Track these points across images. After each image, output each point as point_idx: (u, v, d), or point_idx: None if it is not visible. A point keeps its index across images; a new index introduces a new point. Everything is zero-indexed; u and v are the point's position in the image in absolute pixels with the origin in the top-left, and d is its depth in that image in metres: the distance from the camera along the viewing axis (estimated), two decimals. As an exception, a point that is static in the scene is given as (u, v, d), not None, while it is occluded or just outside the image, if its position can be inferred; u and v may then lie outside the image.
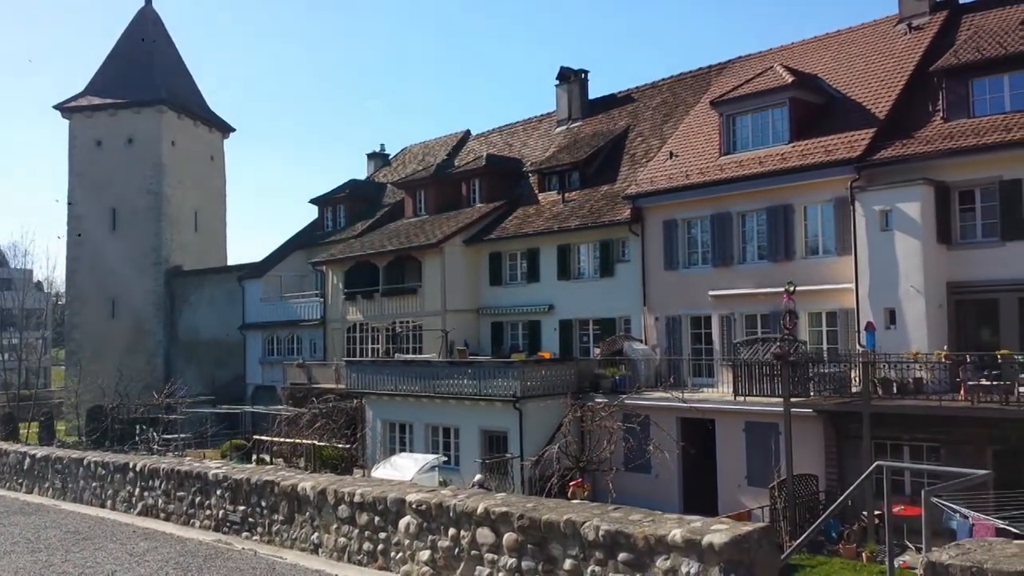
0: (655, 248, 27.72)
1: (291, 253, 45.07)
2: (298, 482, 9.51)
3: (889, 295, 21.50)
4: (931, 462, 18.80)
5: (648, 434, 23.59)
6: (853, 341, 22.42)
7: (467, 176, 37.40)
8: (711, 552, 5.68)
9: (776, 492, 20.03)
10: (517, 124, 42.45)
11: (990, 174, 21.00)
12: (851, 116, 24.68)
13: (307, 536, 9.26)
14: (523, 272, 32.76)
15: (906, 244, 21.31)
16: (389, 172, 47.18)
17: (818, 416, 20.98)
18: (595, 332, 29.85)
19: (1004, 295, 20.73)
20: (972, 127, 21.75)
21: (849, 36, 29.11)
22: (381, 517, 8.37)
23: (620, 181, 31.30)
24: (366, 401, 30.97)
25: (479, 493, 8.21)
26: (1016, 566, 4.76)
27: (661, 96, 35.14)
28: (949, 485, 11.50)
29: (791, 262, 24.31)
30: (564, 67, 38.32)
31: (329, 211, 44.97)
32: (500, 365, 27.25)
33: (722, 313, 25.92)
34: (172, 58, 56.67)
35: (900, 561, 16.07)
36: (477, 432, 26.88)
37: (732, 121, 26.89)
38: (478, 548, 7.35)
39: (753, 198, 25.27)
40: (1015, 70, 21.68)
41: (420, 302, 34.53)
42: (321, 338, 39.93)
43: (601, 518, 6.50)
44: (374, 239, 38.52)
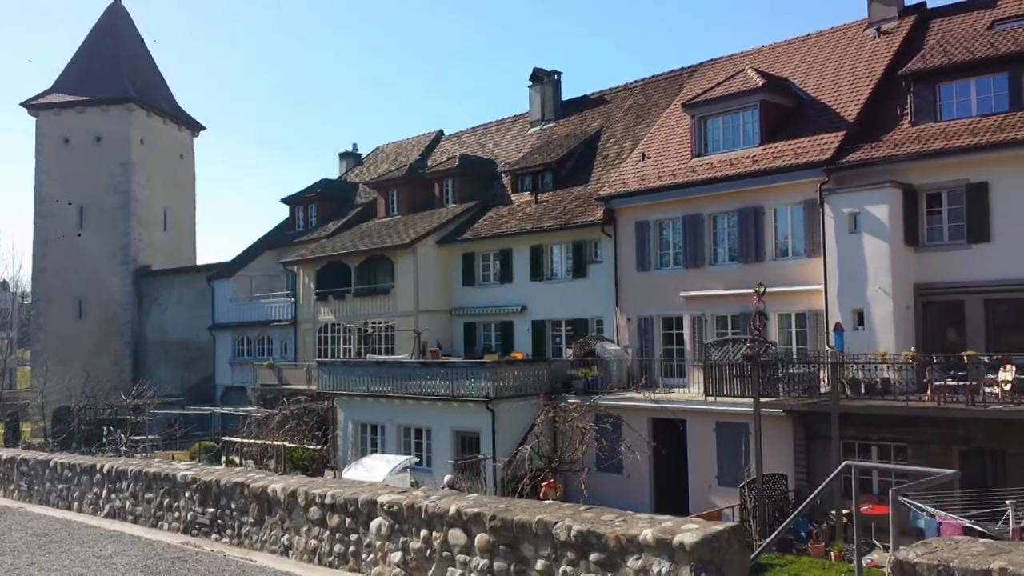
0: (627, 249, 27.84)
1: (262, 253, 44.72)
2: (268, 484, 9.43)
3: (857, 296, 21.74)
4: (898, 462, 19.05)
5: (620, 434, 23.69)
6: (822, 342, 22.66)
7: (440, 176, 37.34)
8: (682, 552, 5.71)
9: (746, 491, 20.18)
10: (490, 125, 42.46)
11: (957, 177, 21.31)
12: (821, 119, 24.94)
13: (277, 538, 9.19)
14: (496, 273, 32.76)
15: (874, 246, 21.57)
16: (361, 172, 46.99)
17: (787, 416, 21.17)
18: (568, 333, 29.91)
19: (970, 297, 21.04)
20: (939, 131, 22.05)
21: (819, 40, 29.43)
22: (352, 519, 8.33)
23: (593, 182, 31.40)
24: (337, 402, 30.80)
25: (451, 494, 8.19)
26: (982, 564, 4.83)
27: (633, 98, 35.31)
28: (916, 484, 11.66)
29: (761, 264, 24.52)
30: (537, 68, 38.43)
31: (300, 211, 44.67)
32: (473, 366, 27.22)
33: (693, 314, 26.08)
34: (141, 55, 56.02)
35: (868, 560, 16.25)
36: (449, 433, 26.82)
37: (704, 123, 27.07)
38: (450, 549, 7.33)
39: (724, 200, 25.46)
40: (982, 75, 22.02)
41: (392, 302, 34.41)
42: (292, 339, 39.65)
43: (573, 518, 6.51)
44: (346, 239, 38.33)
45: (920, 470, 11.21)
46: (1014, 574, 4.67)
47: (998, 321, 20.97)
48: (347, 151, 49.89)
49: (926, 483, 11.34)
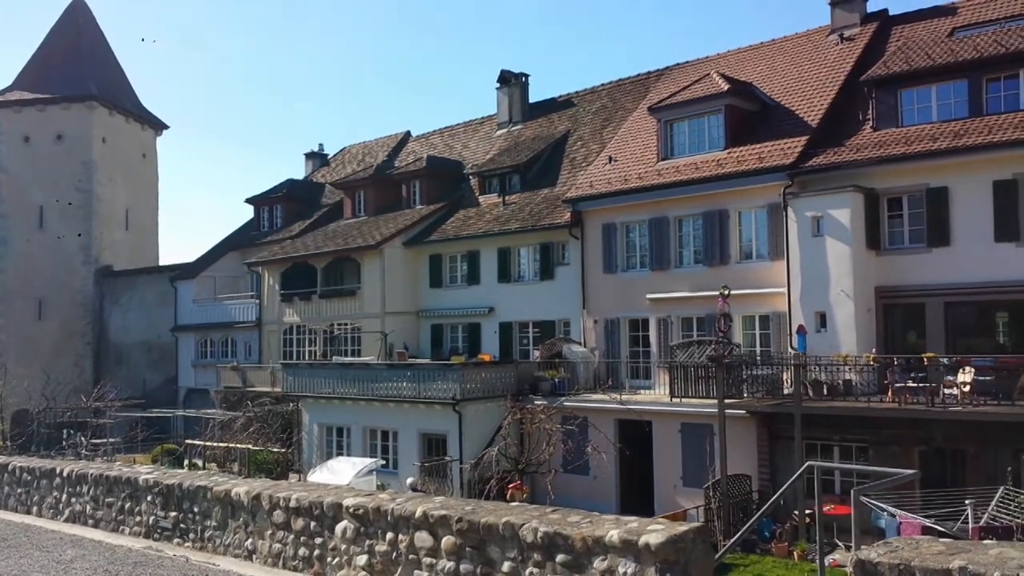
0: (594, 251, 27.95)
1: (225, 253, 44.24)
2: (232, 487, 9.34)
3: (820, 299, 22.02)
4: (860, 462, 19.30)
5: (586, 436, 23.77)
6: (785, 344, 22.91)
7: (407, 177, 37.22)
8: (647, 552, 5.75)
9: (711, 492, 20.34)
10: (458, 126, 42.42)
11: (917, 182, 21.67)
12: (784, 124, 25.23)
13: (241, 542, 9.10)
14: (463, 274, 32.72)
15: (836, 249, 21.85)
16: (328, 172, 46.69)
17: (751, 417, 21.38)
18: (535, 335, 29.95)
19: (930, 300, 21.39)
20: (901, 136, 22.41)
21: (783, 45, 29.78)
22: (317, 522, 8.27)
23: (560, 185, 31.49)
24: (302, 404, 30.57)
25: (417, 496, 8.17)
26: (942, 563, 4.91)
27: (600, 101, 35.47)
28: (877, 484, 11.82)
29: (726, 266, 24.74)
30: (505, 70, 38.44)
31: (265, 211, 44.27)
32: (440, 368, 27.15)
33: (659, 316, 26.25)
34: (103, 53, 55.19)
35: (830, 559, 16.44)
36: (416, 435, 26.73)
37: (670, 127, 27.27)
38: (416, 552, 7.31)
39: (690, 203, 25.65)
40: (942, 81, 22.42)
41: (359, 304, 34.23)
42: (256, 340, 39.26)
43: (540, 520, 6.52)
44: (312, 240, 38.06)
45: (881, 470, 11.37)
46: (974, 573, 4.75)
47: (957, 324, 21.36)
48: (313, 151, 49.54)
49: (887, 483, 11.50)
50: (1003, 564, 4.75)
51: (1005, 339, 20.95)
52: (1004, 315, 21.15)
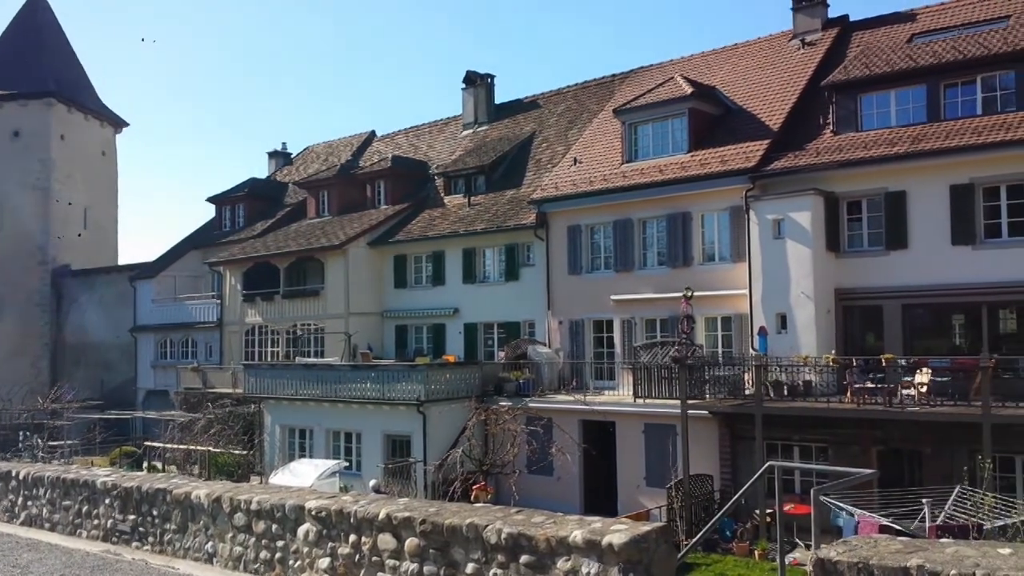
0: (559, 253, 28.03)
1: (186, 253, 43.70)
2: (192, 490, 9.24)
3: (781, 301, 22.28)
4: (820, 462, 19.57)
5: (551, 436, 23.82)
6: (747, 345, 23.15)
7: (372, 177, 37.04)
8: (611, 552, 5.77)
9: (673, 492, 20.49)
10: (423, 126, 42.31)
11: (876, 186, 22.02)
12: (747, 127, 25.50)
13: (201, 545, 9.00)
14: (428, 275, 32.64)
15: (797, 252, 22.13)
16: (291, 171, 46.30)
17: (713, 418, 21.57)
18: (500, 335, 29.96)
19: (888, 302, 21.74)
20: (860, 140, 22.75)
21: (746, 49, 30.10)
22: (279, 525, 8.20)
23: (525, 186, 31.54)
24: (264, 406, 30.28)
25: (381, 498, 8.14)
26: (900, 562, 4.99)
27: (566, 103, 35.58)
28: (836, 484, 11.99)
29: (689, 268, 24.94)
30: (471, 71, 38.42)
31: (227, 210, 43.79)
32: (404, 369, 27.05)
33: (623, 317, 26.38)
34: (63, 49, 54.20)
35: (791, 558, 16.64)
36: (380, 437, 26.60)
37: (634, 130, 27.44)
38: (379, 554, 7.28)
39: (654, 205, 25.83)
40: (901, 86, 22.80)
41: (322, 304, 33.99)
42: (217, 341, 38.82)
43: (504, 521, 6.52)
44: (275, 239, 37.73)
45: (840, 470, 11.53)
46: (930, 571, 4.84)
47: (915, 325, 21.74)
48: (276, 150, 49.07)
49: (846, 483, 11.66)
50: (959, 562, 4.84)
51: (961, 341, 21.36)
52: (960, 317, 21.57)
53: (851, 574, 5.17)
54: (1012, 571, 4.60)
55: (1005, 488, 16.93)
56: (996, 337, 20.62)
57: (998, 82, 21.44)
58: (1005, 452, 17.37)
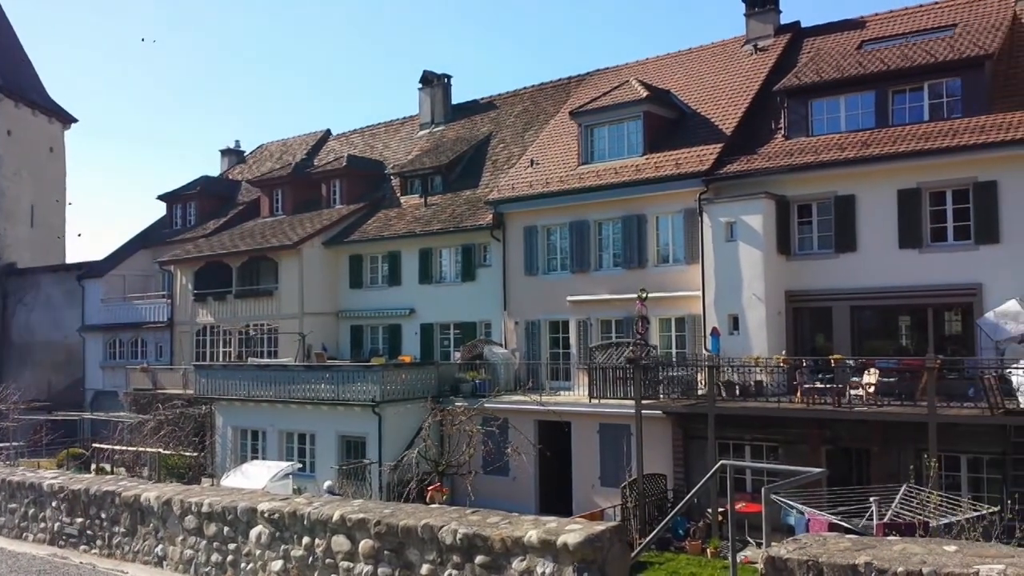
0: (516, 254, 28.07)
1: (136, 252, 42.95)
2: (141, 492, 9.09)
3: (733, 302, 22.57)
4: (770, 461, 19.86)
5: (507, 437, 23.84)
6: (700, 346, 23.41)
7: (327, 176, 36.74)
8: (565, 552, 5.80)
9: (627, 491, 20.64)
10: (379, 126, 42.07)
11: (826, 190, 22.40)
12: (700, 131, 25.79)
13: (151, 548, 8.86)
14: (384, 275, 32.48)
15: (749, 254, 22.43)
16: (244, 170, 45.72)
17: (667, 418, 21.78)
18: (456, 336, 29.91)
19: (837, 303, 22.14)
20: (810, 145, 23.13)
21: (700, 54, 30.43)
22: (231, 527, 8.11)
23: (482, 186, 31.54)
24: (216, 407, 29.88)
25: (335, 500, 8.08)
26: (849, 559, 5.08)
27: (522, 104, 35.65)
28: (787, 483, 12.15)
29: (644, 270, 25.15)
30: (427, 71, 38.29)
31: (179, 208, 43.11)
32: (359, 369, 26.87)
33: (579, 318, 26.51)
34: (10, 43, 52.83)
35: (742, 556, 16.82)
36: (334, 438, 26.39)
37: (590, 132, 27.59)
38: (333, 556, 7.23)
39: (609, 207, 25.99)
40: (850, 92, 23.22)
41: (276, 304, 33.63)
42: (168, 341, 38.23)
43: (459, 522, 6.52)
44: (227, 238, 37.24)
45: (790, 469, 11.69)
46: (878, 568, 4.93)
47: (863, 327, 22.17)
48: (229, 148, 48.39)
49: (796, 481, 11.83)
50: (906, 559, 4.94)
51: (908, 342, 21.84)
52: (907, 319, 22.05)
53: (801, 571, 5.25)
54: (957, 568, 4.71)
55: (950, 486, 17.34)
56: (941, 338, 21.13)
57: (944, 89, 21.95)
58: (950, 451, 17.79)
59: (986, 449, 17.77)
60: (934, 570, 4.76)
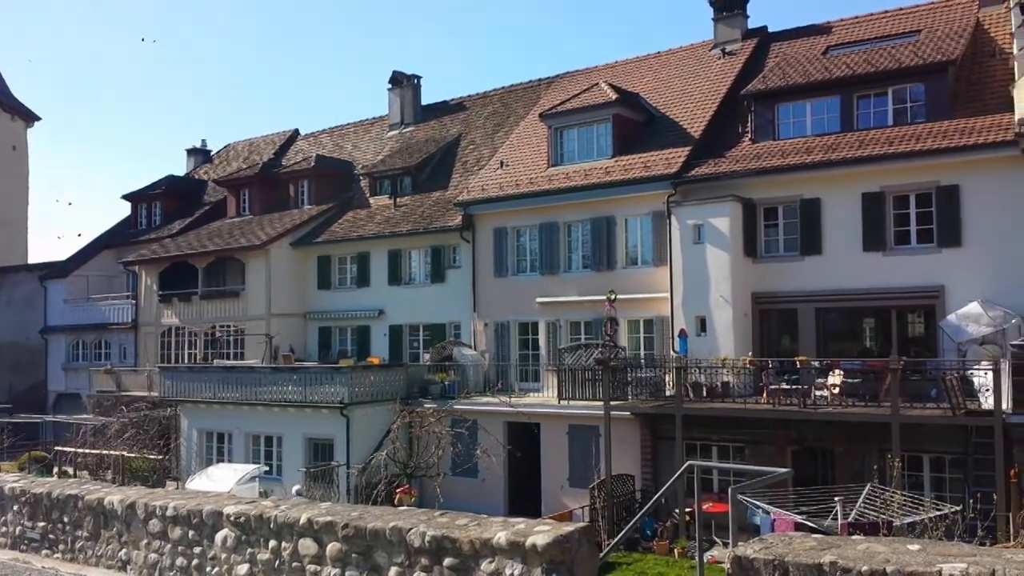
0: (485, 255, 28.06)
1: (100, 252, 42.32)
2: (104, 495, 8.96)
3: (701, 304, 22.73)
4: (737, 461, 20.03)
5: (476, 438, 23.81)
6: (668, 347, 23.56)
7: (295, 176, 36.47)
8: (534, 553, 5.80)
9: (596, 492, 20.70)
10: (348, 126, 41.86)
11: (792, 193, 22.64)
12: (669, 134, 25.96)
13: (114, 552, 8.73)
14: (353, 276, 32.30)
15: (716, 256, 22.61)
16: (211, 169, 45.24)
17: (635, 418, 21.88)
18: (425, 338, 29.83)
19: (802, 305, 22.39)
20: (777, 149, 23.37)
21: (668, 58, 30.64)
22: (196, 531, 8.02)
23: (452, 188, 31.49)
24: (181, 409, 29.56)
25: (302, 503, 8.02)
26: (814, 558, 5.13)
27: (493, 106, 35.65)
28: (753, 483, 12.25)
29: (613, 271, 25.26)
30: (397, 71, 38.16)
31: (144, 208, 42.56)
32: (327, 371, 26.70)
33: (548, 320, 26.56)
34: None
35: (709, 556, 16.95)
36: (302, 440, 26.21)
37: (560, 134, 27.66)
38: (300, 560, 7.17)
39: (578, 209, 26.07)
40: (816, 97, 23.49)
41: (243, 306, 33.33)
42: (132, 343, 37.74)
43: (428, 524, 6.50)
44: (193, 239, 36.85)
45: (756, 469, 11.78)
46: (843, 567, 4.98)
47: (828, 328, 22.44)
48: (195, 147, 47.86)
49: (762, 481, 11.93)
50: (870, 558, 5.00)
51: (872, 343, 22.14)
52: (871, 320, 22.35)
53: (767, 571, 5.29)
54: (920, 567, 4.78)
55: (913, 486, 17.59)
56: (904, 340, 21.43)
57: (908, 94, 22.28)
58: (913, 451, 18.06)
59: (948, 449, 18.06)
60: (898, 569, 4.82)
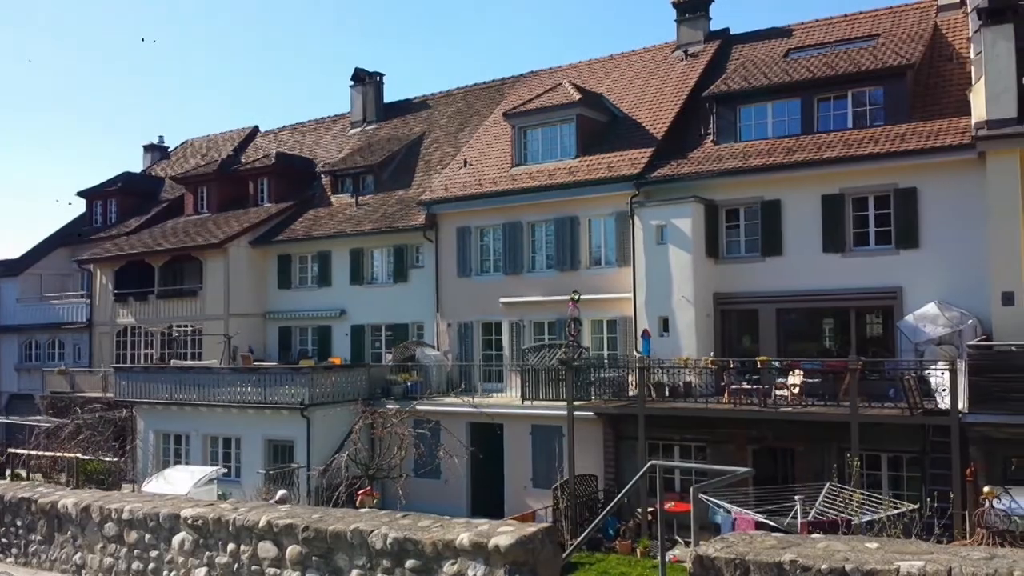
0: (449, 255, 27.97)
1: (54, 250, 41.54)
2: (59, 499, 8.76)
3: (663, 304, 22.85)
4: (699, 460, 20.18)
5: (439, 439, 23.73)
6: (631, 347, 23.65)
7: (255, 174, 36.04)
8: (497, 554, 5.76)
9: (559, 493, 20.72)
10: (309, 123, 41.50)
11: (753, 194, 22.86)
12: (632, 135, 26.08)
13: (69, 556, 8.54)
14: (314, 276, 32.01)
15: (679, 257, 22.75)
16: (168, 166, 44.58)
17: (598, 419, 21.94)
18: (388, 338, 29.65)
19: (763, 306, 22.61)
20: (739, 150, 23.59)
21: (632, 59, 30.79)
22: (153, 534, 7.86)
23: (415, 187, 31.34)
24: (137, 411, 29.09)
25: (261, 505, 7.90)
26: (774, 557, 5.15)
27: (456, 104, 35.55)
28: (714, 482, 12.31)
29: (576, 272, 25.31)
30: (359, 68, 37.89)
31: (99, 205, 41.81)
32: (287, 371, 26.43)
33: (512, 320, 26.54)
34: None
35: (671, 555, 17.05)
36: (261, 442, 25.91)
37: (524, 133, 27.66)
38: (259, 563, 7.06)
39: (542, 209, 26.09)
40: (777, 99, 23.73)
41: (200, 305, 32.87)
42: (87, 343, 37.07)
43: (390, 526, 6.42)
44: (150, 237, 36.27)
45: (718, 468, 11.86)
46: (803, 566, 5.01)
47: (788, 329, 22.69)
48: (152, 143, 47.12)
49: (723, 480, 12.00)
50: (830, 556, 5.03)
51: (831, 343, 22.42)
52: (830, 321, 22.63)
53: (728, 570, 5.30)
54: (879, 564, 4.82)
55: (872, 484, 17.82)
56: (863, 340, 21.73)
57: (867, 97, 22.61)
58: (871, 450, 18.31)
59: (906, 448, 18.34)
60: (857, 567, 4.85)
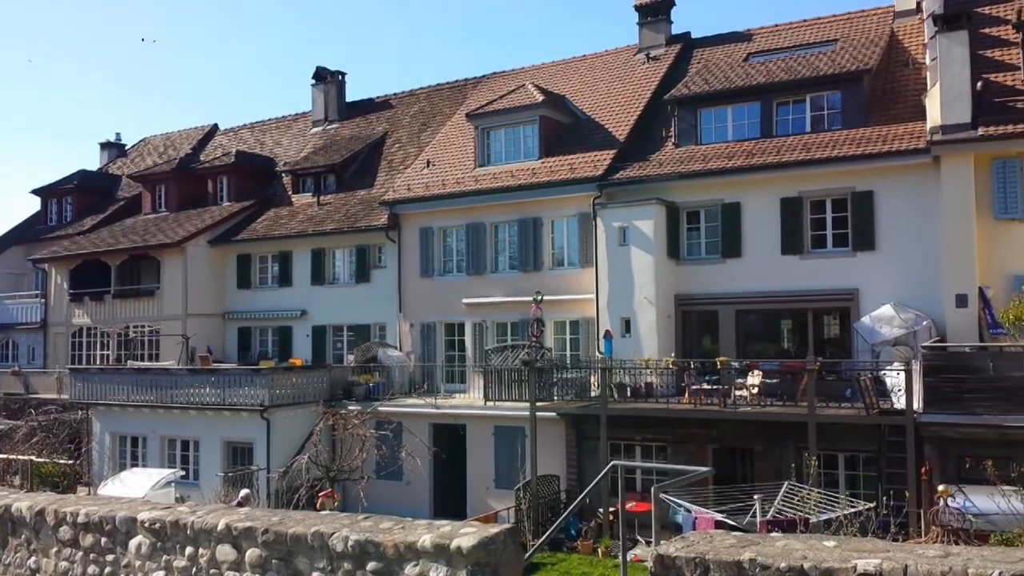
0: (411, 255, 27.87)
1: (7, 249, 40.65)
2: (12, 502, 8.57)
3: (625, 305, 22.99)
4: (660, 460, 20.32)
5: (401, 441, 23.60)
6: (594, 348, 23.76)
7: (214, 172, 35.62)
8: (459, 556, 5.75)
9: (521, 493, 20.75)
10: (270, 121, 41.09)
11: (713, 197, 23.09)
12: (595, 137, 26.20)
13: (23, 561, 8.36)
14: (274, 276, 31.70)
15: (641, 259, 22.90)
16: (125, 164, 43.88)
17: (561, 419, 22.01)
18: (350, 338, 29.46)
19: (723, 307, 22.85)
20: (699, 153, 23.80)
21: (595, 61, 30.93)
22: (109, 538, 7.72)
23: (377, 187, 31.18)
24: (93, 412, 28.58)
25: (219, 508, 7.80)
26: (734, 556, 5.20)
27: (419, 105, 35.44)
28: (675, 482, 12.42)
29: (539, 272, 25.37)
30: (321, 67, 37.63)
31: (54, 203, 41.02)
32: (247, 372, 26.13)
33: (475, 320, 26.52)
34: None
35: (632, 555, 17.14)
36: (220, 444, 25.59)
37: (487, 134, 27.66)
38: (218, 567, 6.96)
39: (505, 210, 26.11)
40: (737, 103, 24.00)
41: (158, 305, 32.40)
42: (41, 343, 36.36)
43: (351, 528, 6.38)
44: (106, 236, 35.67)
45: (678, 468, 11.97)
46: (762, 564, 5.06)
47: (747, 330, 22.95)
48: (109, 141, 46.31)
49: (683, 480, 12.11)
50: (788, 555, 5.09)
51: (789, 344, 22.71)
52: (788, 322, 22.93)
53: (689, 569, 5.34)
54: (836, 563, 4.89)
55: (829, 483, 18.05)
56: (821, 341, 22.05)
57: (825, 101, 22.94)
58: (829, 449, 18.56)
59: (862, 448, 18.63)
60: (815, 565, 4.92)
